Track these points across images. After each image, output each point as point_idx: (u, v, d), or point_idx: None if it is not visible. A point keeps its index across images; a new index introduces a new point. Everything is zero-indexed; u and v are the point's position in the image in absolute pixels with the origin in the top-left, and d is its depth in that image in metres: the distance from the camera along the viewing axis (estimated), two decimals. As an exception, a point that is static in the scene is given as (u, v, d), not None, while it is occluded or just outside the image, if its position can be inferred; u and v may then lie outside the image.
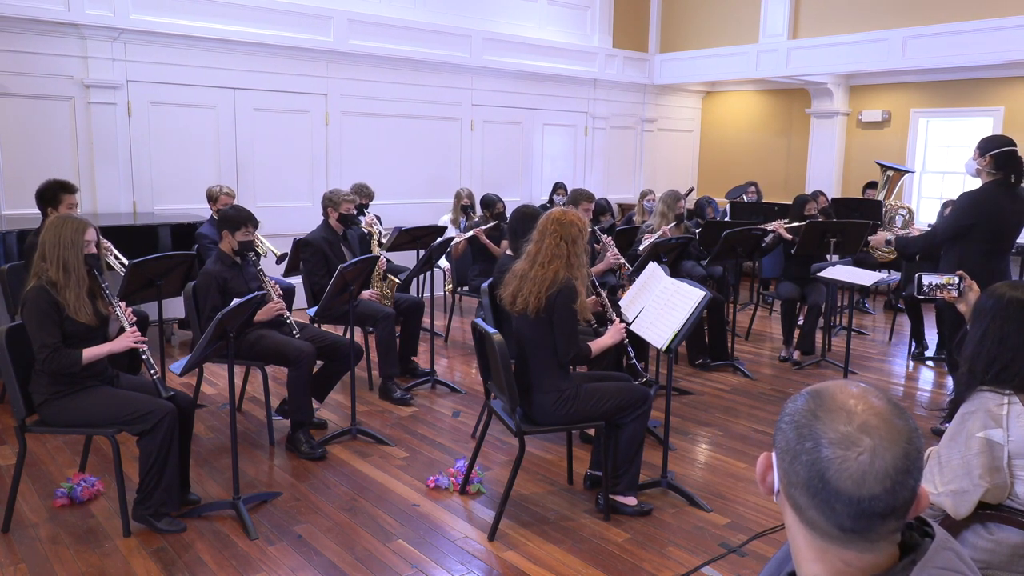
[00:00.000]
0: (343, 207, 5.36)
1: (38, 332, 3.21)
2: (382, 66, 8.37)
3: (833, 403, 1.03)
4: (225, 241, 4.36)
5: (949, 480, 2.26)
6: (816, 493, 1.00)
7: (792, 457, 1.03)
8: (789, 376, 6.02)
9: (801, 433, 1.03)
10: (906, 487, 0.99)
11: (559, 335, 3.42)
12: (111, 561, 3.18)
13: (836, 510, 0.99)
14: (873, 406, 1.02)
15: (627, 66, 10.71)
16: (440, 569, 3.18)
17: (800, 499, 1.03)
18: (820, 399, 1.04)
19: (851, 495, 0.98)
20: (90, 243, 3.35)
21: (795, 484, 1.03)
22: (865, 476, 0.97)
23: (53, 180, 4.82)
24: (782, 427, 1.07)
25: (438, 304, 7.75)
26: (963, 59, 8.16)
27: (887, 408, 1.03)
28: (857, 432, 0.99)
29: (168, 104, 7.18)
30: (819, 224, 6.16)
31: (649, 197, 7.91)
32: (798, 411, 1.05)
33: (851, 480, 0.98)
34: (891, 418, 1.01)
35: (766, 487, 1.13)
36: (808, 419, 1.03)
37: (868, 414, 1.01)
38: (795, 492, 1.03)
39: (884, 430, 1.00)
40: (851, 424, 1.00)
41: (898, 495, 0.98)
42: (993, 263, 4.51)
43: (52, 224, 3.34)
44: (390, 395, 5.25)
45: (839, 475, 0.98)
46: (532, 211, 4.25)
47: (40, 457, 4.20)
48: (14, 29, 6.32)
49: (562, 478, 4.06)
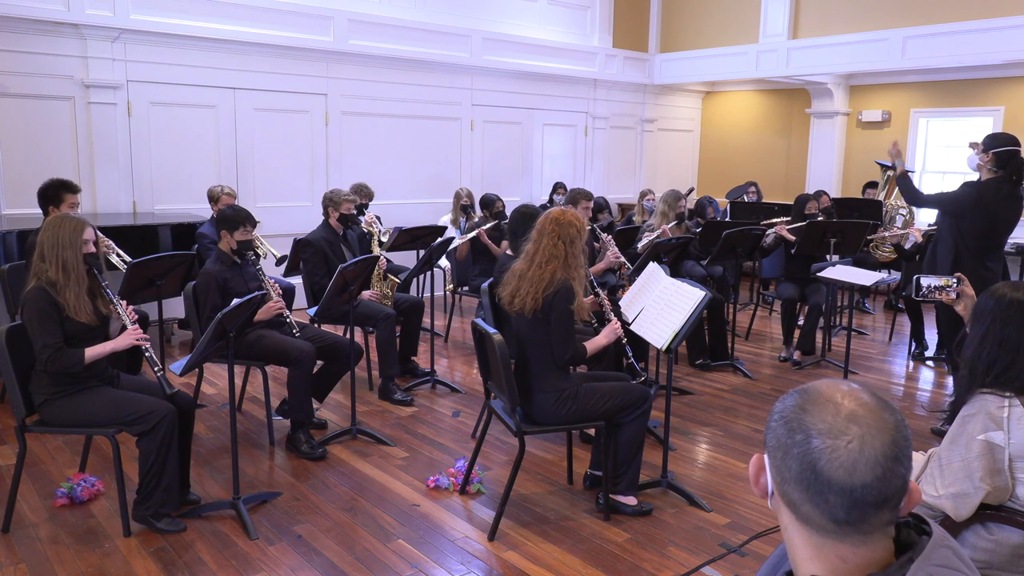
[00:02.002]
0: (343, 207, 5.35)
1: (40, 333, 3.21)
2: (382, 66, 8.37)
3: (820, 397, 1.06)
4: (224, 241, 4.36)
5: (950, 483, 2.25)
6: (809, 486, 1.02)
7: (784, 452, 1.05)
8: (789, 376, 6.02)
9: (791, 427, 1.05)
10: (897, 475, 1.01)
11: (555, 336, 3.41)
12: (111, 561, 3.18)
13: (830, 501, 1.01)
14: (859, 399, 1.04)
15: (627, 66, 10.71)
16: (440, 569, 3.18)
17: (794, 495, 1.04)
18: (808, 394, 1.07)
19: (843, 484, 0.99)
20: (88, 242, 3.35)
21: (788, 480, 1.05)
22: (856, 464, 0.99)
23: (55, 179, 4.82)
24: (772, 425, 1.09)
25: (438, 304, 7.75)
26: (963, 59, 8.16)
27: (873, 401, 1.05)
28: (845, 421, 1.02)
29: (168, 104, 7.18)
30: (819, 224, 6.16)
31: (649, 197, 7.91)
32: (787, 408, 1.08)
33: (842, 469, 0.99)
34: (878, 409, 1.04)
35: (760, 489, 1.14)
36: (797, 413, 1.05)
37: (855, 405, 1.03)
38: (789, 488, 1.05)
39: (871, 419, 1.02)
40: (839, 415, 1.02)
41: (890, 483, 1.00)
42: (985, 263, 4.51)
43: (50, 224, 3.33)
44: (390, 396, 5.25)
45: (830, 464, 1.00)
46: (532, 211, 4.25)
47: (40, 457, 4.20)
48: (14, 29, 6.32)
49: (562, 478, 4.06)
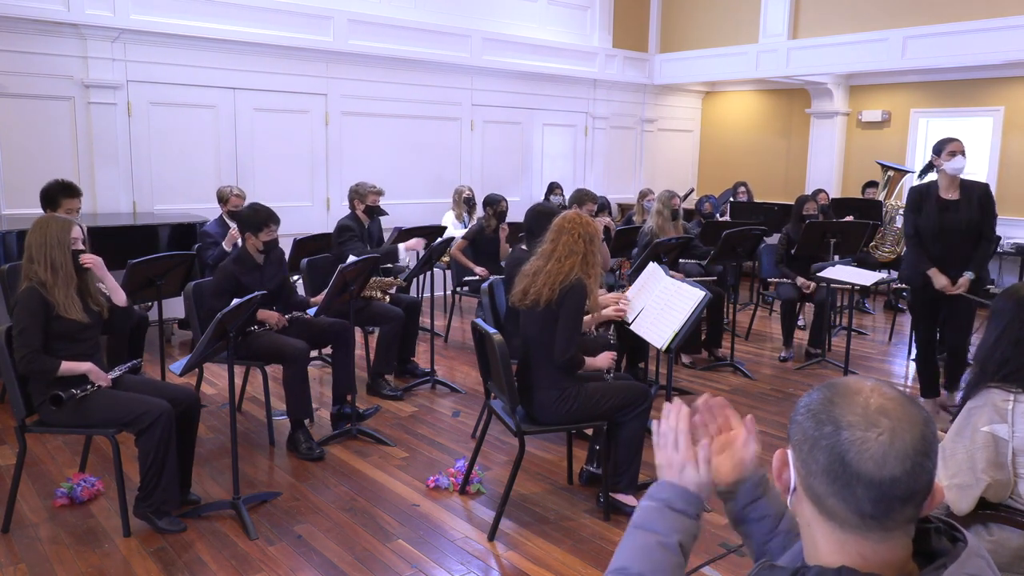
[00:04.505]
0: (369, 199, 5.48)
1: (23, 332, 3.23)
2: (382, 66, 8.37)
3: (848, 390, 1.06)
4: (249, 242, 4.36)
5: (953, 473, 2.26)
6: (837, 478, 1.01)
7: (811, 445, 1.04)
8: (789, 376, 6.02)
9: (819, 419, 1.04)
10: (925, 470, 1.01)
11: (561, 331, 3.41)
12: (111, 561, 3.18)
13: (857, 494, 1.00)
14: (887, 393, 1.05)
15: (627, 66, 10.71)
16: (440, 569, 3.18)
17: (820, 488, 1.04)
18: (835, 388, 1.07)
19: (872, 476, 0.99)
20: (76, 240, 3.38)
21: (814, 473, 1.04)
22: (886, 456, 0.99)
23: (57, 181, 4.78)
24: (797, 419, 1.08)
25: (438, 304, 7.75)
26: (963, 59, 8.16)
27: (900, 395, 1.05)
28: (876, 414, 1.01)
29: (168, 104, 7.18)
30: (819, 224, 6.16)
31: (649, 197, 7.90)
32: (814, 401, 1.07)
33: (872, 461, 0.99)
34: (906, 404, 1.04)
35: (782, 484, 1.14)
36: (825, 406, 1.05)
37: (883, 399, 1.03)
38: (814, 482, 1.04)
39: (901, 413, 1.02)
40: (868, 407, 1.02)
41: (918, 478, 1.00)
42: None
43: (37, 226, 3.37)
44: (380, 391, 5.27)
45: (860, 456, 1.00)
46: (549, 210, 4.25)
47: (40, 457, 4.20)
48: (14, 29, 6.32)
49: (562, 478, 4.06)
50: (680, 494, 1.31)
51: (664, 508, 1.30)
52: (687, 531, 1.29)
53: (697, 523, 1.31)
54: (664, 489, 1.33)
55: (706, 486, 1.34)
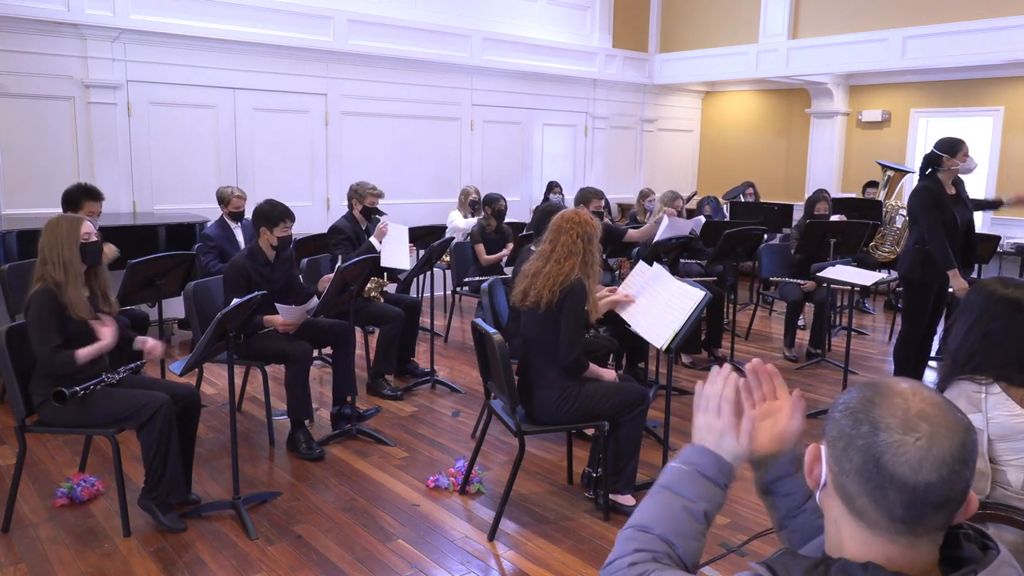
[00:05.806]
0: (368, 200, 5.45)
1: (40, 334, 3.23)
2: (382, 66, 8.37)
3: (889, 391, 1.03)
4: (263, 238, 4.36)
5: None
6: (870, 479, 1.00)
7: (846, 443, 1.03)
8: (789, 376, 6.02)
9: (857, 419, 1.03)
10: (961, 478, 0.99)
11: (564, 334, 3.42)
12: (111, 561, 3.18)
13: (889, 497, 0.99)
14: (927, 398, 1.02)
15: (627, 66, 10.71)
16: (440, 569, 3.19)
17: (851, 487, 1.02)
18: (876, 388, 1.05)
19: (906, 481, 0.97)
20: (89, 234, 3.37)
21: (847, 472, 1.03)
22: (923, 462, 0.97)
23: (81, 184, 4.97)
24: (835, 416, 1.06)
25: (438, 304, 7.75)
26: (963, 59, 8.16)
27: (942, 401, 1.03)
28: (916, 418, 0.99)
29: (168, 104, 7.18)
30: (819, 224, 6.16)
31: (650, 198, 7.92)
32: (853, 400, 1.06)
33: (907, 466, 0.97)
34: (948, 409, 1.02)
35: (813, 479, 1.12)
36: (864, 406, 1.03)
37: (925, 404, 1.01)
38: (846, 480, 1.03)
39: (942, 419, 1.00)
40: (909, 411, 1.00)
41: (953, 486, 0.98)
42: None
43: (48, 227, 3.37)
44: (380, 391, 5.27)
45: (895, 460, 0.98)
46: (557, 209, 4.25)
47: (40, 457, 4.20)
48: (14, 29, 6.32)
49: (562, 478, 4.06)
50: (714, 461, 1.29)
51: (696, 473, 1.28)
52: (714, 500, 1.27)
53: (724, 494, 1.28)
54: (699, 454, 1.30)
55: (742, 458, 1.31)
